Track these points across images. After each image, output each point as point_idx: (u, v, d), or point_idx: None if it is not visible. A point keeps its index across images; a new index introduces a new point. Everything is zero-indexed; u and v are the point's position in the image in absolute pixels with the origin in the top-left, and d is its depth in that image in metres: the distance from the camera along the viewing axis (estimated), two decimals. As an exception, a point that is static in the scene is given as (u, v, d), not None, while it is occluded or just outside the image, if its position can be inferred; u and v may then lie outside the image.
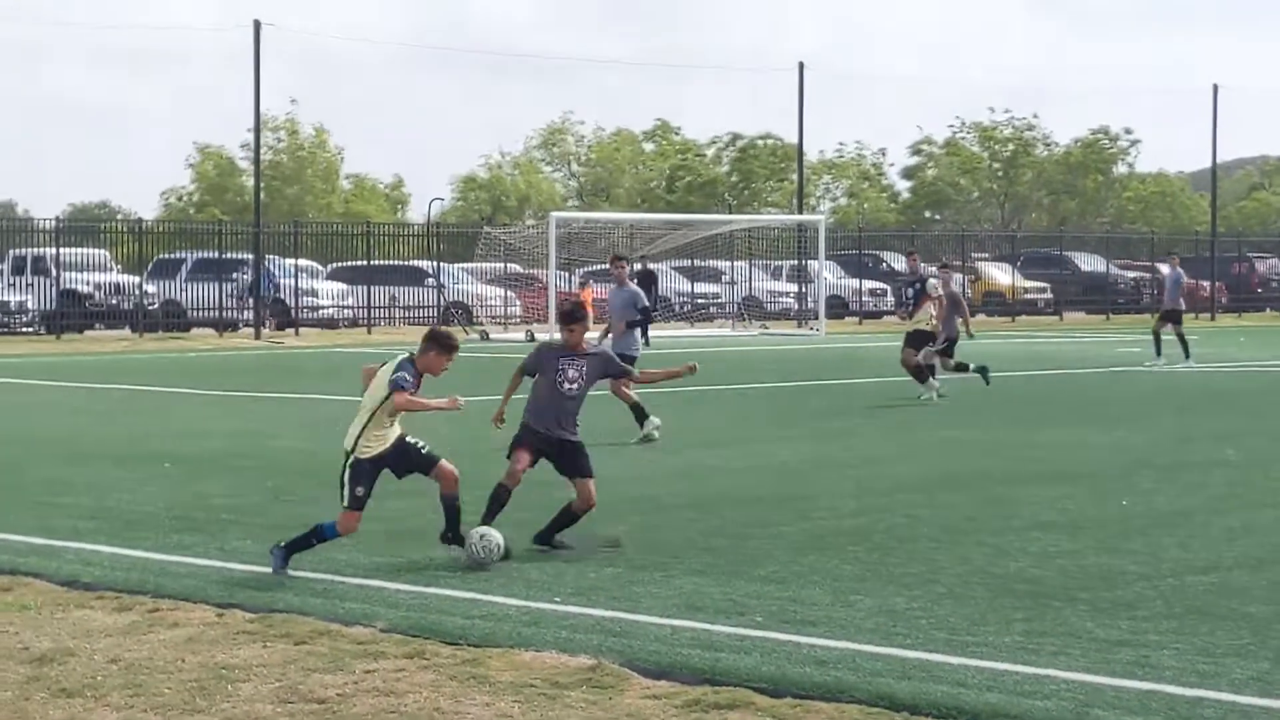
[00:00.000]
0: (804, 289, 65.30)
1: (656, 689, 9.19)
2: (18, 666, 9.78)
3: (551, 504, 14.17)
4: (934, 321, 26.95)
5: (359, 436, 12.86)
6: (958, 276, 55.66)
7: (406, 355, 13.11)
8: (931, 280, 27.66)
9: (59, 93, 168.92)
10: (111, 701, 9.04)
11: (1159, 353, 36.34)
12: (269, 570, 12.61)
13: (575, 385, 13.89)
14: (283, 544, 12.69)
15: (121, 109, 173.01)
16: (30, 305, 53.96)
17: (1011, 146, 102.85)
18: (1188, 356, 36.01)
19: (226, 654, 10.02)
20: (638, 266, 54.01)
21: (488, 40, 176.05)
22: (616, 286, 23.74)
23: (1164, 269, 38.76)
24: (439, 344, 13.24)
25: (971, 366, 27.68)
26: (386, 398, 12.82)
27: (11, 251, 55.48)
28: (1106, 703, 8.88)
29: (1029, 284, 70.82)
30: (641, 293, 24.00)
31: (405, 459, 13.06)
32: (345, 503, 12.77)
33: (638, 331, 23.40)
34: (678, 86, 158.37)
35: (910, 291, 28.08)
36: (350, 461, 12.80)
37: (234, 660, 9.86)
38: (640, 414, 21.39)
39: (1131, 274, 75.57)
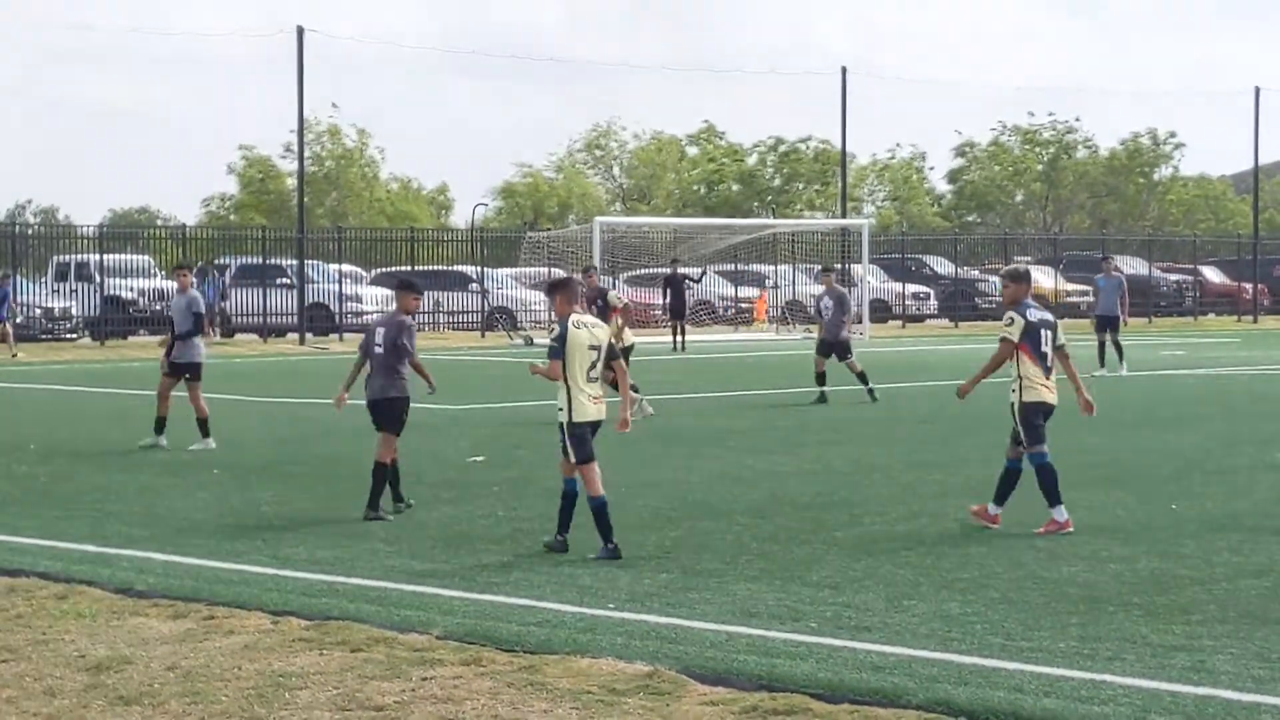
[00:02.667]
0: (850, 291, 65.19)
1: (714, 695, 9.21)
2: (76, 674, 9.84)
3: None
4: (620, 333, 24.99)
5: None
6: None
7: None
8: (612, 293, 26.98)
9: (98, 98, 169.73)
10: (170, 709, 9.08)
11: (1103, 361, 34.44)
12: (321, 577, 12.66)
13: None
14: (609, 544, 13.33)
15: (161, 115, 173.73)
16: (75, 311, 54.20)
17: (1053, 149, 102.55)
18: (1121, 361, 34.44)
19: (283, 661, 10.06)
20: (667, 270, 53.94)
21: (518, 45, 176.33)
22: (179, 292, 22.15)
23: (1103, 274, 36.08)
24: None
25: (864, 386, 28.14)
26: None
27: (55, 258, 55.73)
28: (1164, 708, 8.86)
29: (1071, 287, 70.57)
30: (199, 297, 22.42)
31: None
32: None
33: (197, 339, 22.05)
34: (713, 91, 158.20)
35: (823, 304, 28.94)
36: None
37: (291, 668, 9.90)
38: None
39: (1174, 277, 75.29)
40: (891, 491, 17.16)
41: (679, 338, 48.13)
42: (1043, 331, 15.17)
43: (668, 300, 50.58)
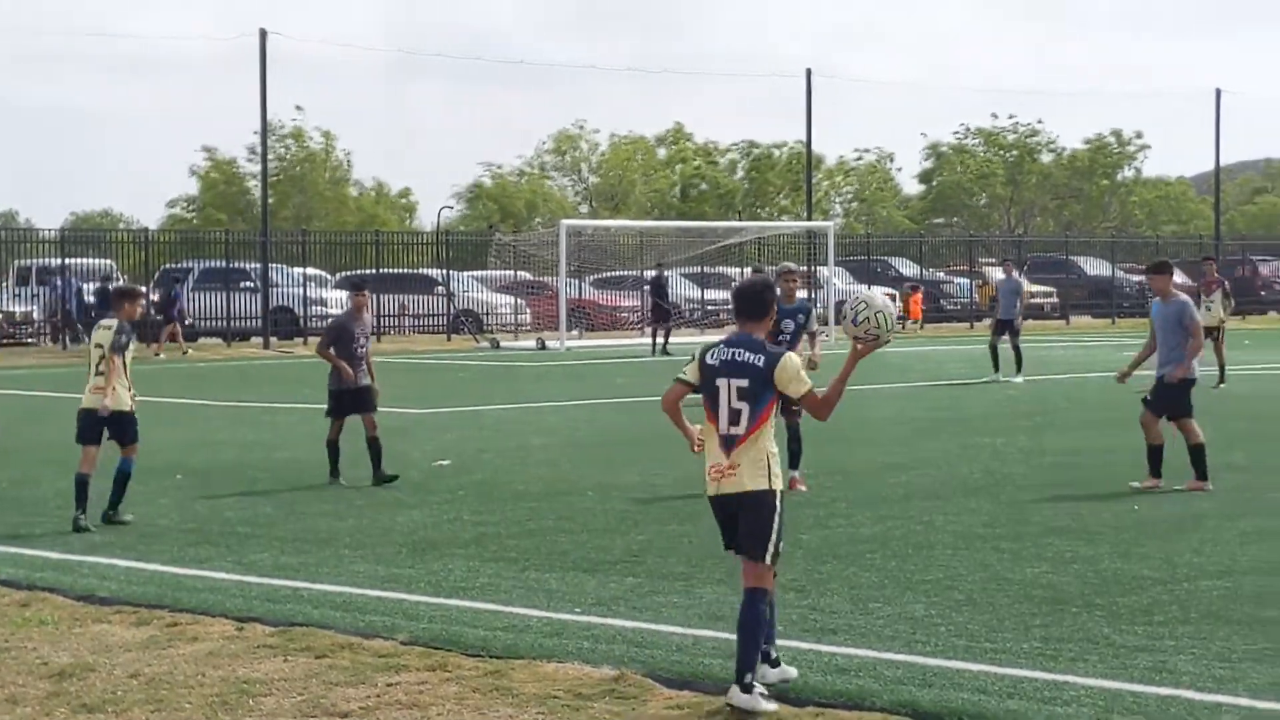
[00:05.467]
0: (813, 295, 65.28)
1: (680, 699, 9.22)
2: (38, 682, 9.81)
3: (575, 513, 14.17)
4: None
5: None
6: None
7: None
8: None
9: (58, 101, 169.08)
10: (133, 716, 9.07)
11: (996, 368, 33.21)
12: (286, 583, 12.64)
13: None
14: None
15: (123, 118, 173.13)
16: (36, 315, 54.00)
17: (1017, 152, 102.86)
18: (1019, 370, 33.00)
19: (248, 668, 10.04)
20: (652, 273, 53.87)
21: (481, 48, 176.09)
22: None
23: (998, 276, 35.12)
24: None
25: None
26: None
27: (16, 262, 55.50)
28: (1126, 708, 8.90)
29: (1036, 288, 70.77)
30: None
31: None
32: None
33: None
34: (679, 94, 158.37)
35: None
36: None
37: (255, 674, 9.88)
38: None
39: (1137, 278, 75.56)
40: (857, 494, 17.19)
41: (661, 340, 48.10)
42: None
43: (651, 303, 50.43)
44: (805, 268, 66.28)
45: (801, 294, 18.60)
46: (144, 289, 16.46)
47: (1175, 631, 10.69)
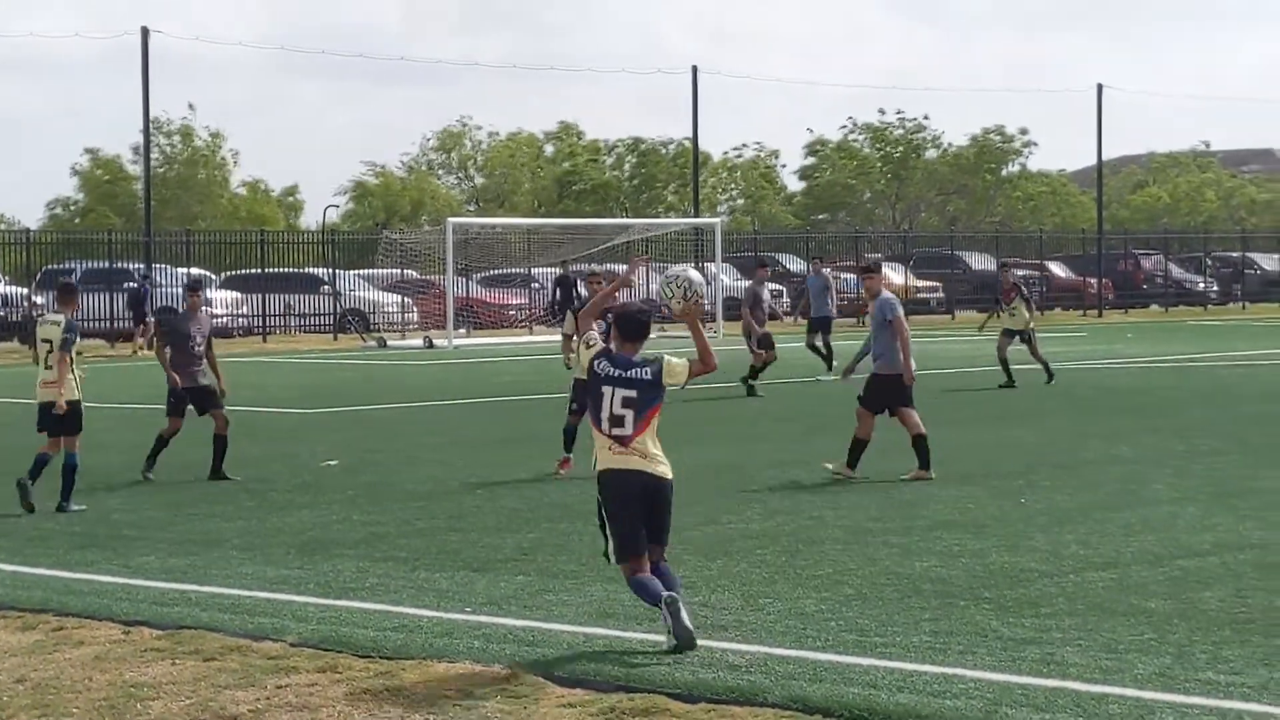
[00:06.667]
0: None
1: (572, 697, 9.22)
2: (-78, 688, 9.68)
3: (465, 512, 14.10)
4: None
5: None
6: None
7: None
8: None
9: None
10: (21, 722, 8.96)
11: (830, 365, 32.67)
12: (174, 586, 12.53)
13: None
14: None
15: (2, 118, 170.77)
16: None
17: (902, 148, 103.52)
18: (830, 369, 32.42)
19: (136, 672, 9.95)
20: (558, 271, 53.73)
21: (360, 46, 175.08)
22: None
23: (810, 274, 35.25)
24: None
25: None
26: None
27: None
28: (1015, 700, 8.99)
29: (921, 284, 71.27)
30: None
31: None
32: None
33: None
34: (563, 91, 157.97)
35: None
36: None
37: (143, 678, 9.79)
38: None
39: (1021, 272, 76.28)
40: (748, 490, 17.26)
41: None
42: None
43: (557, 299, 50.27)
44: (692, 264, 66.48)
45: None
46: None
47: (1063, 624, 10.81)
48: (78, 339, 16.92)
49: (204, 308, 19.87)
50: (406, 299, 59.67)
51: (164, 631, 10.96)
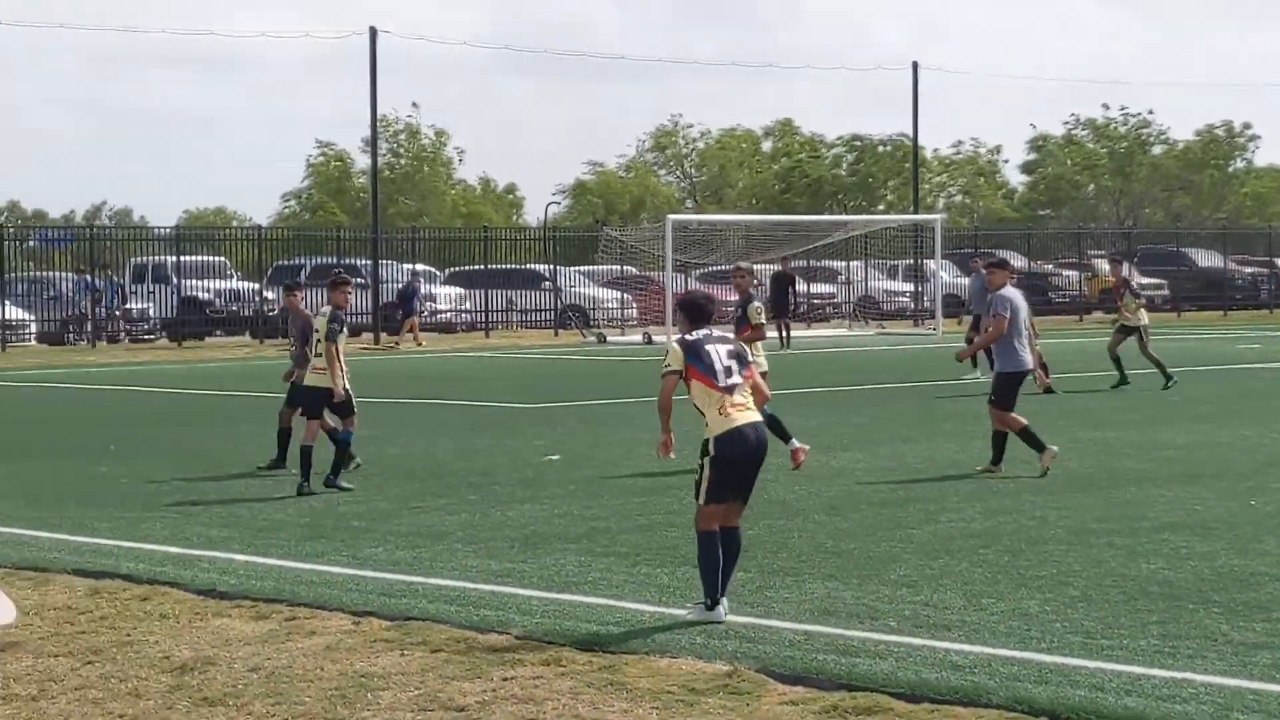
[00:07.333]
0: (920, 288, 65.00)
1: (793, 694, 9.23)
2: (160, 676, 9.94)
3: (685, 508, 14.16)
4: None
5: None
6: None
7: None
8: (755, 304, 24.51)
9: (173, 100, 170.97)
10: (254, 710, 9.17)
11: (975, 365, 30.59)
12: (401, 577, 12.74)
13: None
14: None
15: (235, 116, 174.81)
16: (152, 313, 54.68)
17: (1126, 143, 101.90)
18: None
19: (365, 662, 10.14)
20: (776, 268, 53.57)
21: (574, 44, 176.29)
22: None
23: (971, 273, 34.09)
24: None
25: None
26: None
27: (132, 259, 56.23)
28: (1246, 706, 8.83)
29: (1145, 280, 70.10)
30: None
31: None
32: None
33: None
34: (776, 88, 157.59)
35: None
36: None
37: (373, 668, 9.97)
38: None
39: (1249, 269, 74.66)
40: (968, 489, 17.13)
41: (784, 336, 48.08)
42: None
43: (771, 297, 50.11)
44: (911, 260, 66.03)
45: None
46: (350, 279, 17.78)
47: (1294, 628, 10.59)
48: (342, 330, 17.93)
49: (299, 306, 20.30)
50: (625, 295, 60.01)
51: (392, 622, 11.15)
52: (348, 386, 18.05)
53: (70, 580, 12.87)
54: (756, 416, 11.39)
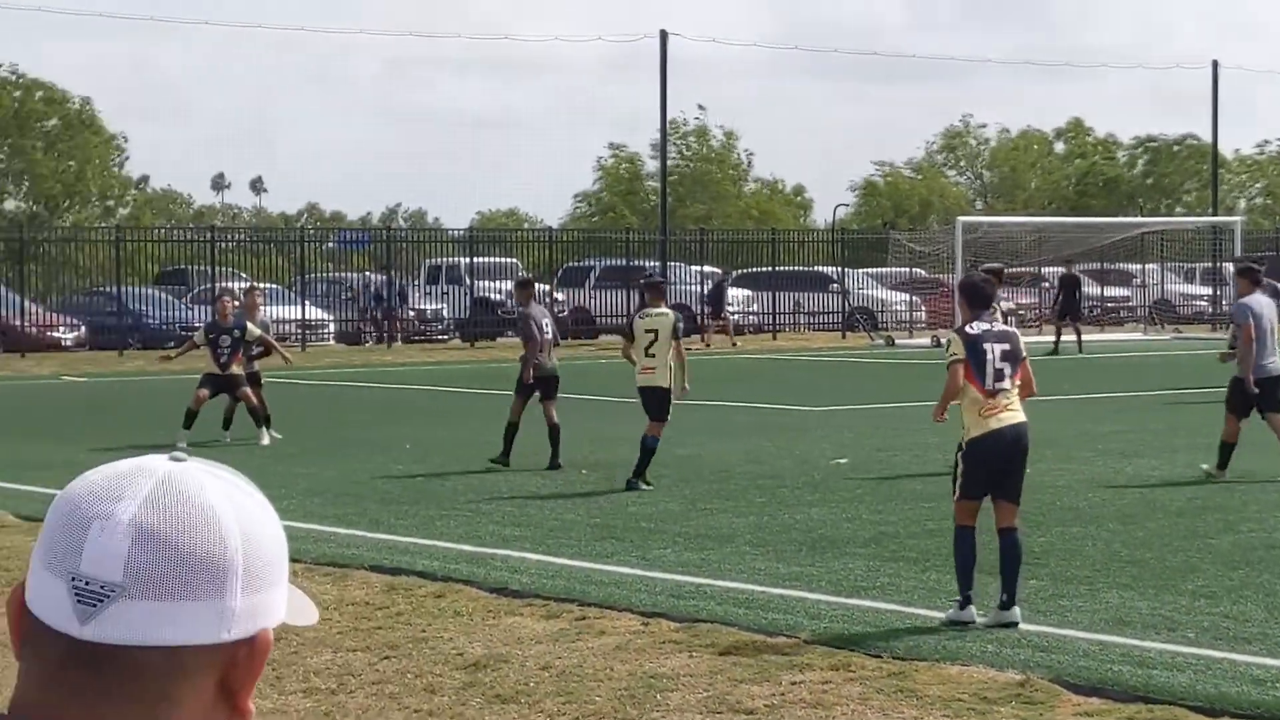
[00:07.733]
0: (1219, 292, 63.43)
1: (1088, 706, 9.06)
2: (454, 672, 10.10)
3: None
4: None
5: None
6: None
7: None
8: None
9: (466, 104, 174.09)
10: (545, 708, 9.28)
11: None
12: (689, 579, 12.78)
13: None
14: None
15: (526, 119, 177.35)
16: (445, 313, 55.74)
17: None
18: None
19: (654, 663, 10.19)
20: (1063, 270, 52.79)
21: (861, 44, 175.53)
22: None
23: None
24: None
25: None
26: None
27: (427, 261, 57.39)
28: None
29: None
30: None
31: None
32: None
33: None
34: (1067, 87, 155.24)
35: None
36: None
37: (662, 669, 10.02)
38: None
39: None
40: (1269, 498, 16.67)
41: (1076, 339, 47.15)
42: None
43: (1060, 300, 49.33)
44: (1209, 264, 64.45)
45: None
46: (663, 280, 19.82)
47: None
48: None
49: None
50: (915, 298, 59.56)
51: (681, 624, 11.19)
52: (666, 389, 18.57)
53: (368, 576, 13.14)
54: (1018, 417, 11.44)
